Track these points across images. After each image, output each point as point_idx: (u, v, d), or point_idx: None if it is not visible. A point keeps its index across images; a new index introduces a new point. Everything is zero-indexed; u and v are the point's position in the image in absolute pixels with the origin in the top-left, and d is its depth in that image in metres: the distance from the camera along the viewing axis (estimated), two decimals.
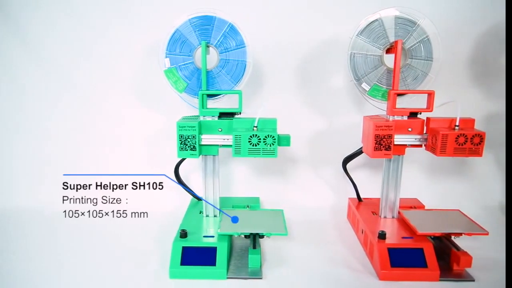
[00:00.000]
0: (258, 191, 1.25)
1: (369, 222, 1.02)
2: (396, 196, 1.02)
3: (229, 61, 0.98)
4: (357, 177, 1.23)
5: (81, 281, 0.86)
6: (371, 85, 0.98)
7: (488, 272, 0.90)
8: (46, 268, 0.90)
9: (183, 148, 0.95)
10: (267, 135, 0.90)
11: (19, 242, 1.02)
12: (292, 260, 0.96)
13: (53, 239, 1.03)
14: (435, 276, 0.86)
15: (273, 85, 1.24)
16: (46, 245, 1.00)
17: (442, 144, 0.90)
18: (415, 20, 0.95)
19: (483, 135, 0.89)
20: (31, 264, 0.91)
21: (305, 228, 1.12)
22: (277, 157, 0.92)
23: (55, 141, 1.24)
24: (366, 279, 0.88)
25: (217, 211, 1.04)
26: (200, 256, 0.89)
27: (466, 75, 1.24)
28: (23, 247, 0.99)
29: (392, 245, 0.90)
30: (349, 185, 1.17)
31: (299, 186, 1.27)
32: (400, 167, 1.00)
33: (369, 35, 0.96)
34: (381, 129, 0.93)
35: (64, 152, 1.24)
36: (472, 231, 0.92)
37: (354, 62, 0.98)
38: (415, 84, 0.99)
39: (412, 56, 0.97)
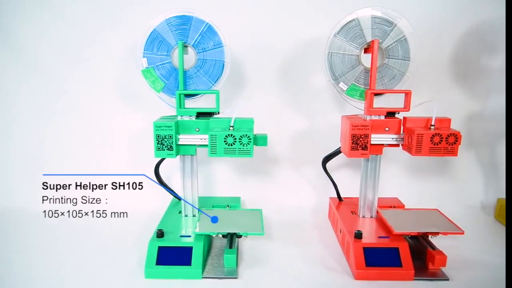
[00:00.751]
0: (240, 191, 1.25)
1: (347, 222, 1.02)
2: (375, 195, 1.02)
3: (206, 61, 0.98)
4: (339, 177, 1.23)
5: (57, 280, 0.86)
6: (349, 85, 0.98)
7: (464, 271, 0.91)
8: (24, 268, 0.90)
9: (160, 148, 0.95)
10: (243, 134, 0.90)
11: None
12: (270, 259, 0.96)
13: (33, 239, 1.03)
14: (410, 275, 0.87)
15: (256, 85, 1.24)
16: (25, 245, 1.00)
17: (417, 144, 0.90)
18: (392, 20, 0.95)
19: (458, 134, 0.89)
20: (10, 263, 0.91)
21: (285, 228, 1.12)
22: (253, 156, 0.91)
23: (35, 141, 1.24)
24: (342, 278, 0.88)
25: (196, 211, 1.04)
26: (176, 256, 0.89)
27: (447, 75, 1.25)
28: (2, 247, 0.98)
29: (368, 245, 0.90)
30: (331, 184, 1.17)
31: (281, 185, 1.28)
32: (378, 167, 1.01)
33: (346, 35, 0.96)
34: (358, 128, 0.93)
35: (44, 152, 1.24)
36: (449, 231, 0.92)
37: (331, 62, 0.98)
38: (392, 83, 0.99)
39: (389, 56, 0.97)
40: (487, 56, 1.23)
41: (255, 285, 0.86)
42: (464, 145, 1.24)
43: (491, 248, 1.01)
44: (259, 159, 1.27)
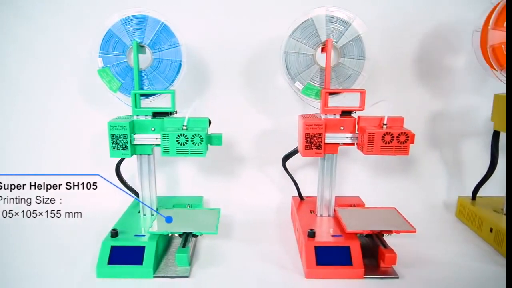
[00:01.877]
0: (205, 190, 1.25)
1: (304, 221, 1.02)
2: (332, 194, 1.03)
3: (162, 60, 0.98)
4: (305, 176, 1.24)
5: (10, 280, 0.86)
6: (305, 84, 0.99)
7: (416, 269, 0.91)
8: None
9: (115, 148, 0.95)
10: (194, 134, 0.90)
11: None
12: (225, 259, 0.96)
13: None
14: (360, 273, 0.87)
15: (220, 85, 1.24)
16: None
17: (369, 143, 0.90)
18: (347, 20, 0.95)
19: (409, 133, 0.90)
20: None
21: (247, 227, 1.12)
22: (205, 156, 0.92)
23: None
24: (293, 277, 0.88)
25: (154, 211, 1.04)
26: (129, 255, 0.89)
27: (410, 74, 1.25)
28: None
29: (319, 243, 0.90)
30: None
31: (246, 185, 1.28)
32: (334, 166, 1.01)
33: (301, 34, 0.96)
34: (311, 128, 0.94)
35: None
36: (401, 229, 0.92)
37: (287, 61, 0.98)
38: (348, 83, 0.99)
39: (344, 55, 0.97)
40: (449, 56, 1.23)
41: (205, 284, 0.86)
42: (428, 144, 1.26)
43: (447, 246, 1.02)
44: (224, 158, 1.27)
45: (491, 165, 1.09)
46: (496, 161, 1.08)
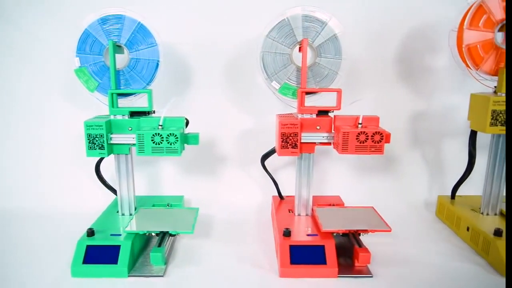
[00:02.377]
0: (187, 189, 1.25)
1: (282, 220, 1.02)
2: (309, 194, 1.03)
3: (139, 60, 0.98)
4: (288, 175, 1.24)
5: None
6: (281, 84, 0.99)
7: (391, 268, 0.91)
8: None
9: (91, 147, 0.95)
10: (169, 133, 0.90)
11: None
12: (202, 258, 0.96)
13: None
14: (334, 272, 0.87)
15: (202, 84, 1.25)
16: None
17: (343, 142, 0.90)
18: (323, 19, 0.96)
19: (383, 133, 0.90)
20: None
21: (227, 227, 1.12)
22: (180, 155, 0.92)
23: None
24: (268, 276, 0.89)
25: (132, 210, 1.04)
26: (104, 254, 0.89)
27: (392, 74, 1.25)
28: None
29: (295, 242, 0.90)
30: None
31: (228, 184, 1.28)
32: (311, 165, 1.01)
33: (277, 34, 0.96)
34: (287, 127, 0.94)
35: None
36: (377, 228, 0.92)
37: (264, 61, 0.98)
38: (325, 82, 0.99)
39: (321, 55, 0.97)
40: (431, 55, 1.24)
41: (179, 283, 0.86)
42: (409, 144, 1.26)
43: (425, 245, 1.02)
44: (206, 158, 1.28)
45: (468, 164, 1.10)
46: (474, 160, 1.08)
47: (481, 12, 0.96)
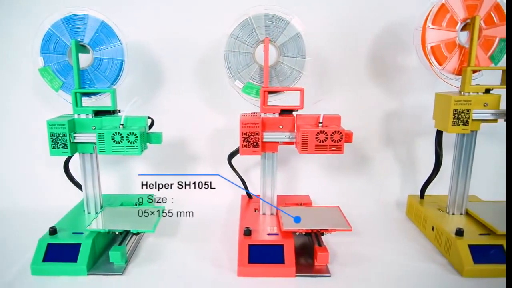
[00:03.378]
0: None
1: (246, 219, 1.03)
2: (273, 193, 1.03)
3: (103, 59, 0.98)
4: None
5: None
6: (245, 83, 0.99)
7: (351, 268, 0.91)
8: None
9: (54, 146, 0.96)
10: (129, 132, 0.91)
11: None
12: (165, 257, 0.97)
13: None
14: (291, 272, 0.87)
15: (174, 84, 1.25)
16: None
17: (303, 141, 0.90)
18: (285, 18, 0.96)
19: (343, 132, 0.90)
20: None
21: (195, 226, 1.13)
22: (140, 154, 0.92)
23: None
24: (226, 275, 0.89)
25: (98, 208, 1.05)
26: (64, 252, 0.90)
27: (365, 73, 1.25)
28: None
29: (254, 242, 0.91)
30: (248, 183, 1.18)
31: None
32: (274, 165, 1.01)
33: (240, 33, 0.96)
34: (248, 126, 0.94)
35: None
36: (337, 228, 0.92)
37: (227, 60, 0.98)
38: (288, 81, 0.99)
39: (283, 54, 0.97)
40: (403, 55, 1.23)
41: (136, 281, 0.87)
42: (382, 143, 1.26)
43: (391, 245, 1.02)
44: (177, 157, 1.28)
45: (436, 164, 1.09)
46: (441, 160, 1.08)
47: (444, 11, 0.96)
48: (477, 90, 0.96)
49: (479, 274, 0.88)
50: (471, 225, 0.98)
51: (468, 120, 0.94)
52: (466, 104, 0.93)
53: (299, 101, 0.97)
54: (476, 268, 0.88)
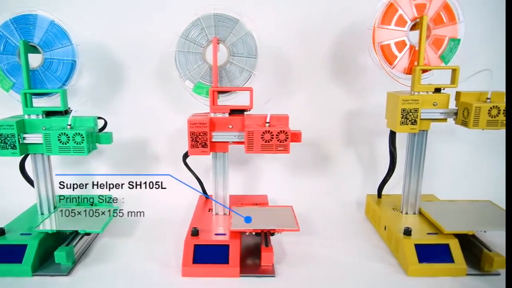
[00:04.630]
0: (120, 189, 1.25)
1: (198, 220, 1.03)
2: (225, 193, 1.03)
3: (54, 60, 0.98)
4: None
5: None
6: (195, 83, 0.99)
7: (298, 268, 0.92)
8: None
9: (3, 147, 0.95)
10: (76, 133, 0.91)
11: None
12: (114, 257, 0.96)
13: None
14: (235, 272, 0.87)
15: (134, 84, 1.25)
16: None
17: (248, 141, 0.90)
18: (234, 18, 0.96)
19: (289, 131, 0.90)
20: None
21: (151, 226, 1.13)
22: (87, 154, 0.92)
23: None
24: (171, 275, 0.89)
25: (51, 209, 1.05)
26: (10, 253, 0.90)
27: (326, 73, 1.25)
28: None
29: (200, 242, 0.90)
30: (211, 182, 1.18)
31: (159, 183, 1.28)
32: (225, 164, 1.01)
33: (190, 33, 0.96)
34: (196, 126, 0.94)
35: None
36: (285, 228, 0.92)
37: (178, 60, 0.98)
38: (239, 81, 0.99)
39: (234, 54, 0.97)
40: (363, 54, 1.23)
41: (81, 282, 0.87)
42: (344, 143, 1.26)
43: (344, 244, 1.02)
44: (138, 157, 1.28)
45: (390, 164, 1.09)
46: (395, 159, 1.08)
47: (393, 11, 0.96)
48: (426, 89, 0.96)
49: (424, 273, 0.88)
50: (422, 225, 0.98)
51: (416, 120, 0.94)
52: (413, 104, 0.93)
53: (248, 100, 0.97)
54: (421, 267, 0.88)
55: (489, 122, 0.90)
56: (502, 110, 0.89)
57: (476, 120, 0.90)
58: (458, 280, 0.87)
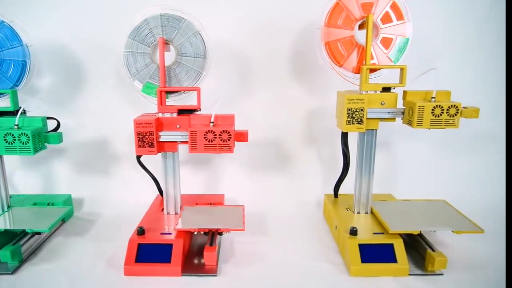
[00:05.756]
0: (80, 188, 1.26)
1: (149, 219, 1.03)
2: (176, 192, 1.03)
3: (4, 60, 0.99)
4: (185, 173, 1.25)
5: None
6: (144, 83, 0.99)
7: (242, 267, 0.92)
8: None
9: None
10: (21, 133, 0.91)
11: None
12: (63, 256, 0.97)
13: None
14: (177, 271, 0.88)
15: (95, 84, 1.25)
16: None
17: (192, 141, 0.91)
18: (181, 18, 0.96)
19: (231, 131, 0.90)
20: None
21: (108, 225, 1.14)
22: (34, 154, 0.93)
23: None
24: (114, 275, 0.89)
25: (5, 208, 1.05)
26: None
27: (287, 73, 1.25)
28: None
29: (144, 241, 0.91)
30: None
31: (121, 183, 1.29)
32: (175, 164, 1.02)
33: (138, 34, 0.97)
34: (142, 126, 0.94)
35: None
36: (229, 227, 0.92)
37: (126, 60, 0.98)
38: (187, 81, 0.99)
39: (181, 54, 0.98)
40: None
41: (24, 280, 0.87)
42: (305, 142, 1.26)
43: (295, 244, 1.02)
44: (100, 157, 1.29)
45: (344, 163, 1.09)
46: (348, 159, 1.07)
47: (339, 10, 0.95)
48: (374, 89, 0.96)
49: (366, 273, 0.87)
50: (371, 224, 0.98)
51: (362, 119, 0.94)
52: (359, 103, 0.93)
53: (196, 100, 0.97)
54: (363, 267, 0.87)
55: (432, 121, 0.89)
56: (445, 109, 0.88)
57: (420, 120, 0.89)
58: (399, 280, 0.86)
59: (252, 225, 1.09)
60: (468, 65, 1.24)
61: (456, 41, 1.22)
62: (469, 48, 1.23)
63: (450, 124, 0.90)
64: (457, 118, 0.89)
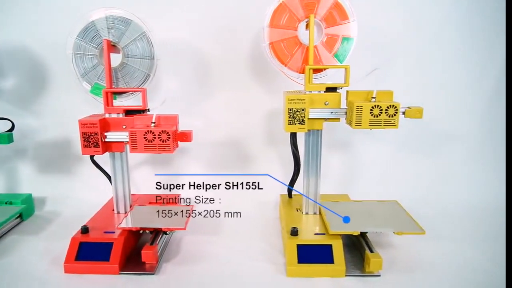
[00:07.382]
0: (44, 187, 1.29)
1: (99, 218, 1.05)
2: (125, 192, 1.05)
3: None
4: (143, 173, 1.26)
5: None
6: (92, 84, 1.01)
7: (181, 267, 0.93)
8: None
9: None
10: None
11: None
12: (12, 254, 0.99)
13: None
14: (115, 269, 0.89)
15: (58, 84, 1.27)
16: None
17: (132, 141, 0.92)
18: (127, 19, 0.97)
19: (171, 131, 0.90)
20: None
21: (64, 224, 1.15)
22: None
23: None
24: (54, 273, 0.90)
25: None
26: None
27: (247, 73, 1.25)
28: None
29: (85, 239, 0.92)
30: None
31: (84, 182, 1.31)
32: (124, 164, 1.03)
33: (85, 35, 0.98)
34: (87, 126, 0.95)
35: None
36: (170, 227, 0.93)
37: (74, 62, 1.00)
38: (135, 82, 1.01)
39: (128, 55, 0.99)
40: None
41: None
42: (266, 142, 1.26)
43: (242, 245, 1.02)
44: (63, 157, 1.31)
45: (295, 164, 1.08)
46: (298, 160, 1.07)
47: (282, 11, 0.95)
48: (317, 89, 0.96)
49: (302, 273, 0.87)
50: (316, 225, 0.98)
51: (304, 119, 0.94)
52: (300, 103, 0.93)
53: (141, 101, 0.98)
54: (299, 268, 0.87)
55: (371, 121, 0.89)
56: (384, 109, 0.88)
57: (359, 120, 0.89)
58: (335, 281, 0.86)
59: (207, 225, 1.09)
60: (433, 65, 1.23)
61: (416, 42, 1.21)
62: (431, 48, 1.22)
63: (390, 125, 0.89)
64: (397, 118, 0.89)
